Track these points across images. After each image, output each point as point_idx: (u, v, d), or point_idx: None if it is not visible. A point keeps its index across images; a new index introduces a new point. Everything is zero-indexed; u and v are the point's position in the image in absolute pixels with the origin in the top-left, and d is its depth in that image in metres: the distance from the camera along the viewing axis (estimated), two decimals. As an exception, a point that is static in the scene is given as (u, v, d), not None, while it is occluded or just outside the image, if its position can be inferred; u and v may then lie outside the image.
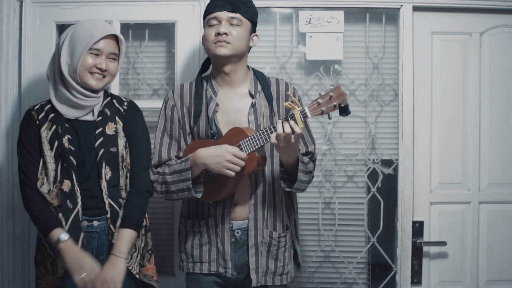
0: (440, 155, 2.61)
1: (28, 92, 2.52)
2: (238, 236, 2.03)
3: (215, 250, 2.04)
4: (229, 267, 2.02)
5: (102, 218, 2.00)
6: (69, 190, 1.95)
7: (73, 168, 1.96)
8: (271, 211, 2.05)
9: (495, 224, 2.62)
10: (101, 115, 2.05)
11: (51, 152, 1.98)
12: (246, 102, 2.05)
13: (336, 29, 2.56)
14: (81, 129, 2.02)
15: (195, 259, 2.06)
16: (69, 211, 1.93)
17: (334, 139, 2.63)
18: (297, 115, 1.78)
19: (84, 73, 1.97)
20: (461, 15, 2.60)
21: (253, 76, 2.09)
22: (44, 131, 1.99)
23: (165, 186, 2.00)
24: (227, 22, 2.00)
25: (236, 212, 2.03)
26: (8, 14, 2.53)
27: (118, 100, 2.13)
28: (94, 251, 1.98)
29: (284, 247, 2.06)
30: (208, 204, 2.05)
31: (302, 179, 1.96)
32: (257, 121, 2.02)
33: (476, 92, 2.61)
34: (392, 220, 2.61)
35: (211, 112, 2.02)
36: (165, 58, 2.67)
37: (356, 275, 2.63)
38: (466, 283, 2.61)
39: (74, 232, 1.93)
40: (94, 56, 1.98)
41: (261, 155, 1.95)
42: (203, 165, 1.92)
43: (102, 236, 2.00)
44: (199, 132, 2.05)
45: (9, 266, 2.53)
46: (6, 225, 2.53)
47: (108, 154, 2.01)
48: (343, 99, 1.76)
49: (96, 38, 1.96)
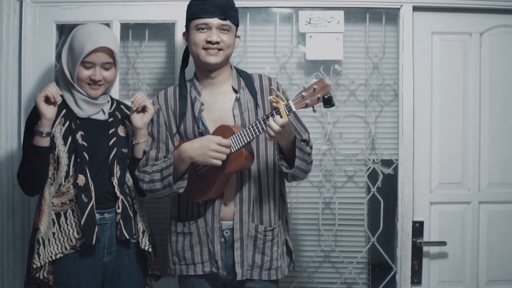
0: (440, 155, 2.60)
1: (28, 92, 2.52)
2: (227, 236, 2.03)
3: (206, 251, 2.04)
4: (220, 267, 2.02)
5: (112, 210, 2.08)
6: (84, 185, 2.01)
7: (86, 164, 2.03)
8: (257, 205, 2.05)
9: (495, 224, 2.62)
10: (112, 117, 2.14)
11: (64, 147, 2.03)
12: (230, 98, 2.06)
13: (336, 29, 2.56)
14: (93, 126, 2.10)
15: (187, 261, 2.07)
16: (84, 205, 2.00)
17: (334, 139, 2.63)
18: (282, 109, 1.79)
19: (81, 84, 2.05)
20: (461, 15, 2.60)
21: (236, 74, 2.11)
22: (57, 127, 2.04)
23: (151, 184, 2.01)
24: (218, 29, 2.01)
25: (225, 212, 2.03)
26: (8, 14, 2.53)
27: (125, 106, 2.24)
28: (106, 243, 2.06)
29: (272, 241, 2.06)
30: (197, 205, 2.05)
31: (300, 156, 1.95)
32: (242, 115, 2.03)
33: (476, 92, 2.61)
34: (392, 220, 2.61)
35: (197, 111, 2.04)
36: (165, 58, 2.67)
37: (356, 275, 2.63)
38: (466, 283, 2.61)
39: (89, 226, 1.99)
40: (88, 69, 2.04)
41: (248, 150, 1.96)
42: (189, 158, 1.93)
43: (113, 228, 2.08)
44: (186, 132, 2.06)
45: (9, 266, 2.53)
46: (6, 225, 2.53)
47: (120, 154, 2.10)
48: (326, 91, 1.76)
49: (85, 52, 2.00)
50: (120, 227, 2.06)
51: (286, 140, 1.91)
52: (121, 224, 2.06)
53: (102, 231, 2.05)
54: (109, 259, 2.07)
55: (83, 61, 2.01)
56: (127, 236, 2.07)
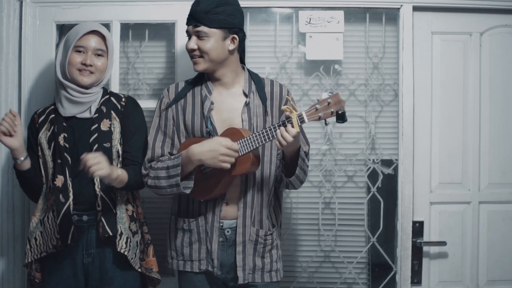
0: (440, 155, 2.60)
1: (28, 92, 2.52)
2: (228, 235, 2.04)
3: (204, 249, 2.05)
4: (216, 266, 2.04)
5: (92, 213, 2.06)
6: (62, 185, 2.04)
7: (67, 165, 2.05)
8: (258, 210, 2.07)
9: (495, 224, 2.62)
10: (98, 112, 2.13)
11: (49, 151, 2.08)
12: (240, 101, 2.07)
13: (336, 29, 2.56)
14: (77, 126, 2.10)
15: (185, 257, 2.08)
16: (61, 205, 2.02)
17: (334, 139, 2.63)
18: (295, 119, 1.82)
19: (72, 70, 2.08)
20: (461, 15, 2.60)
21: (248, 77, 2.11)
22: (43, 133, 2.10)
23: (156, 181, 2.01)
24: (196, 36, 2.01)
25: (226, 211, 2.05)
26: (8, 14, 2.53)
27: (116, 97, 2.20)
28: (84, 245, 2.06)
29: (271, 245, 2.09)
30: (199, 202, 2.06)
31: (301, 166, 1.99)
32: (251, 120, 2.03)
33: (476, 92, 2.61)
34: (392, 220, 2.61)
35: (206, 110, 2.04)
36: (165, 58, 2.67)
37: (356, 275, 2.63)
38: (466, 283, 2.61)
39: (65, 226, 2.01)
40: (80, 54, 2.08)
41: (255, 155, 1.97)
42: (198, 161, 1.94)
43: (91, 230, 2.06)
44: (194, 130, 2.06)
45: (9, 266, 2.53)
46: (6, 225, 2.53)
47: (101, 149, 2.06)
48: (340, 106, 1.80)
49: (79, 35, 2.06)
50: (102, 224, 2.03)
51: (292, 149, 1.93)
52: (102, 221, 2.03)
53: (80, 233, 2.05)
54: (89, 261, 2.06)
55: (76, 45, 2.06)
56: (110, 232, 2.03)
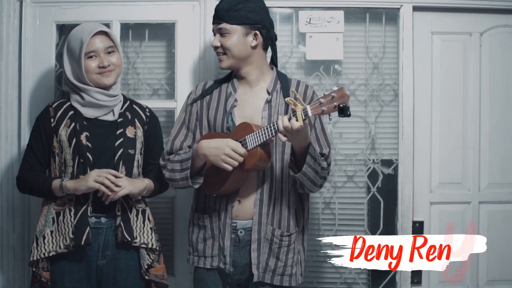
0: (440, 155, 2.60)
1: (28, 92, 2.52)
2: (241, 236, 2.04)
3: (217, 245, 2.06)
4: (228, 263, 2.03)
5: (110, 215, 2.06)
6: None
7: (89, 165, 2.04)
8: (277, 209, 2.05)
9: (495, 224, 2.62)
10: (122, 117, 2.14)
11: (69, 149, 2.05)
12: (262, 99, 2.08)
13: (336, 29, 2.56)
14: (100, 127, 2.10)
15: (199, 253, 2.09)
16: (80, 205, 2.02)
17: (334, 139, 2.63)
18: (299, 112, 1.81)
19: (92, 76, 2.07)
20: (461, 15, 2.60)
21: (275, 76, 2.12)
22: (63, 129, 2.07)
23: (172, 174, 2.04)
24: (219, 34, 2.06)
25: (240, 211, 2.04)
26: (8, 14, 2.53)
27: (139, 106, 2.23)
28: (101, 246, 2.06)
29: (288, 247, 2.05)
30: (214, 199, 2.07)
31: (311, 164, 1.93)
32: (271, 118, 2.04)
33: (476, 92, 2.61)
34: (392, 220, 2.61)
35: (229, 106, 2.07)
36: (165, 58, 2.67)
37: (356, 275, 2.63)
38: (466, 283, 2.61)
39: (80, 227, 2.00)
40: (93, 59, 2.06)
41: (265, 151, 1.96)
42: (203, 155, 1.97)
43: (109, 232, 2.07)
44: (216, 125, 2.09)
45: (9, 266, 2.53)
46: (6, 225, 2.53)
47: (126, 155, 2.09)
48: (344, 100, 1.78)
49: (85, 42, 2.04)
50: (121, 229, 2.05)
51: (299, 144, 1.91)
52: (121, 227, 2.05)
53: (97, 234, 2.04)
54: (104, 263, 2.06)
55: (86, 52, 2.04)
56: (128, 238, 2.05)
